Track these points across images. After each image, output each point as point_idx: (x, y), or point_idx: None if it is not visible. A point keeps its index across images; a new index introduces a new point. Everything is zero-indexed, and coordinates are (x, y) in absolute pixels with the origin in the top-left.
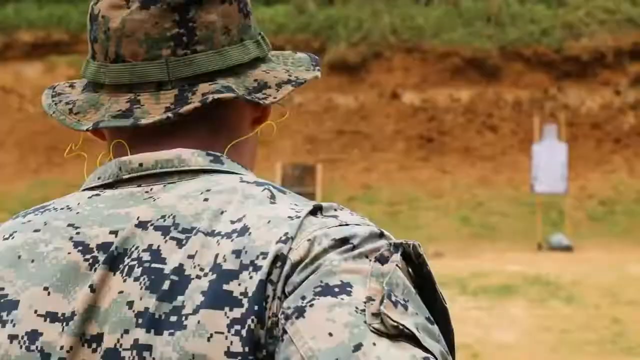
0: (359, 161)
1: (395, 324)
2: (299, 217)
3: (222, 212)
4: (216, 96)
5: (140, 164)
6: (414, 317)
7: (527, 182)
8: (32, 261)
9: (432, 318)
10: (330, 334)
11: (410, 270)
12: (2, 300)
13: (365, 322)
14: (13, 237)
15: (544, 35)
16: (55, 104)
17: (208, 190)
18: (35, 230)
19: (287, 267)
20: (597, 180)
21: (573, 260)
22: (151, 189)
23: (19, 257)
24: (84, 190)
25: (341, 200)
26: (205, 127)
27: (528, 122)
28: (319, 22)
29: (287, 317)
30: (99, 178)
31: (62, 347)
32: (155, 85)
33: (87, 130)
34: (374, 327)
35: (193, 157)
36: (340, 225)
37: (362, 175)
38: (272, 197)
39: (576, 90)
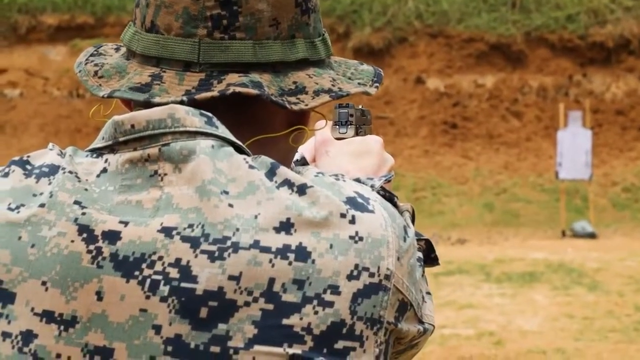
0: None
1: None
2: (361, 238)
3: (255, 217)
4: (237, 89)
5: (132, 125)
6: None
7: (551, 169)
8: (33, 246)
9: None
10: None
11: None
12: None
13: None
14: (19, 212)
15: (569, 21)
16: (86, 63)
17: (223, 184)
18: (41, 205)
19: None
20: (621, 167)
21: (597, 247)
22: (158, 167)
23: (19, 238)
24: (90, 150)
25: None
26: (230, 119)
27: (552, 109)
28: (343, 7)
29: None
30: (102, 138)
31: (58, 356)
32: (182, 64)
33: (102, 96)
34: None
35: (188, 116)
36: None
37: None
38: (299, 191)
39: (601, 77)
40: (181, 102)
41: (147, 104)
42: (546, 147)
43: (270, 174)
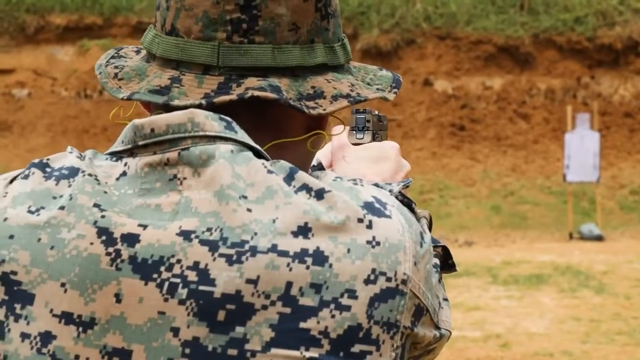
0: None
1: None
2: (378, 243)
3: (273, 221)
4: (256, 93)
5: (152, 129)
6: None
7: (558, 171)
8: (52, 247)
9: None
10: None
11: None
12: (15, 289)
13: None
14: (39, 214)
15: (577, 23)
16: (107, 65)
17: (241, 189)
18: (61, 208)
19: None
20: (629, 170)
21: (604, 249)
22: (178, 172)
23: (39, 239)
24: (110, 153)
25: None
26: (250, 123)
27: (560, 111)
28: (351, 8)
29: None
30: (122, 141)
31: (77, 357)
32: (202, 67)
33: (122, 98)
34: None
35: (207, 120)
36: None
37: None
38: (317, 196)
39: (609, 79)
40: (200, 105)
41: (166, 107)
42: (554, 149)
43: (289, 178)
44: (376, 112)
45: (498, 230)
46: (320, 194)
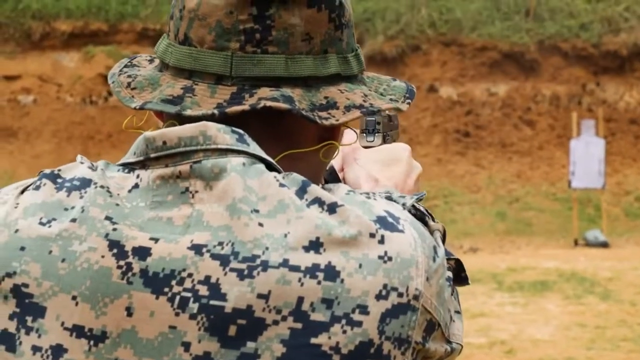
0: None
1: None
2: (390, 258)
3: (285, 236)
4: (268, 104)
5: (164, 142)
6: None
7: (564, 178)
8: (63, 260)
9: None
10: None
11: None
12: (26, 301)
13: None
14: (50, 226)
15: (582, 30)
16: (120, 74)
17: (253, 202)
18: (72, 220)
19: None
20: (634, 176)
21: (609, 256)
22: (190, 185)
23: (50, 252)
24: (122, 164)
25: None
26: (263, 134)
27: (566, 117)
28: (356, 15)
29: None
30: (134, 153)
31: None
32: (215, 77)
33: (134, 108)
34: None
35: (219, 133)
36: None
37: None
38: (329, 210)
39: (614, 86)
40: (212, 115)
41: (179, 116)
42: (559, 155)
43: (301, 192)
44: (386, 113)
45: (503, 237)
46: (332, 208)
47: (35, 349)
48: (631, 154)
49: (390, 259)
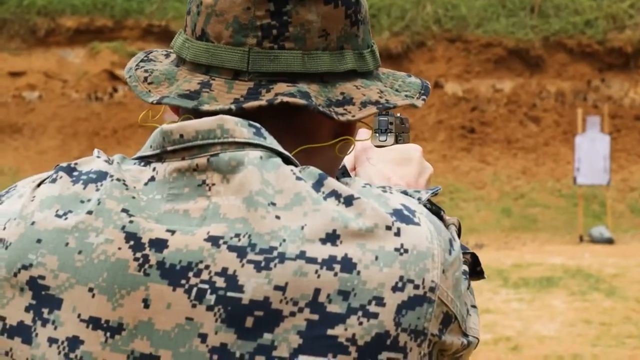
0: None
1: None
2: (406, 250)
3: (302, 228)
4: (285, 99)
5: (181, 135)
6: None
7: (569, 174)
8: (80, 252)
9: None
10: None
11: None
12: (42, 293)
13: None
14: (67, 218)
15: (587, 26)
16: (136, 69)
17: (270, 195)
18: (89, 212)
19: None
20: (639, 173)
21: (614, 252)
22: (207, 177)
23: (67, 244)
24: (138, 157)
25: None
26: (279, 129)
27: (571, 114)
28: None
29: None
30: (150, 146)
31: None
32: (232, 73)
33: (151, 102)
34: None
35: (237, 127)
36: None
37: None
38: (346, 202)
39: (619, 82)
40: (229, 110)
41: (196, 111)
42: (564, 152)
43: (318, 184)
44: (399, 115)
45: (508, 233)
46: (349, 201)
47: (52, 340)
48: (636, 150)
49: (406, 251)
